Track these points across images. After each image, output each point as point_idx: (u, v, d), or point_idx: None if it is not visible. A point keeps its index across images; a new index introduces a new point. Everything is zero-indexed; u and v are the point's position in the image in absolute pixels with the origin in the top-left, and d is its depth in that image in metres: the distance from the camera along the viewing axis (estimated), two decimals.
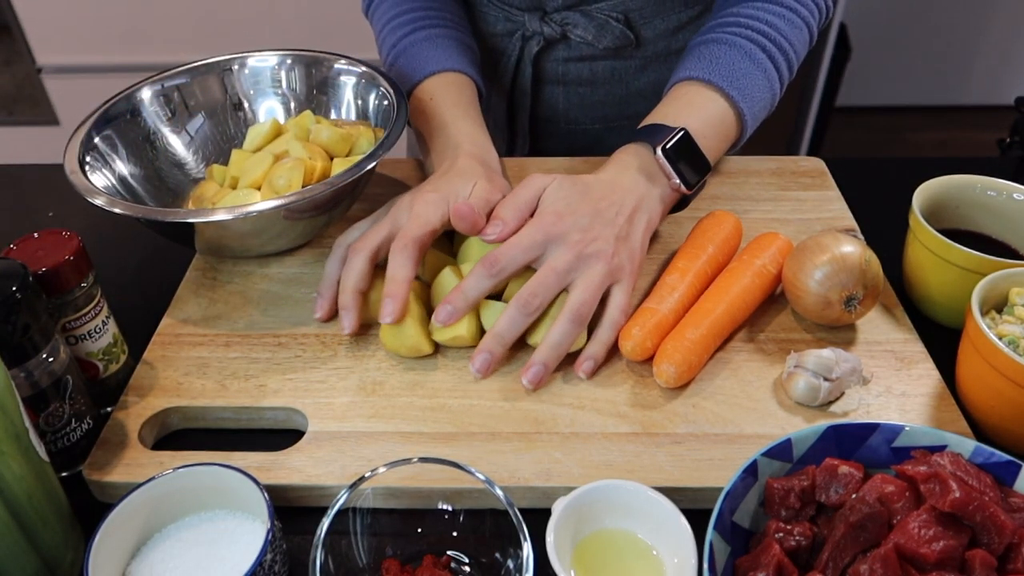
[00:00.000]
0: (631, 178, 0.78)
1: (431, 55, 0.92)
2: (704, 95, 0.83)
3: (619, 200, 0.75)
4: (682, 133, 0.79)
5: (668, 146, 0.78)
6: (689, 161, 0.80)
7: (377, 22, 0.99)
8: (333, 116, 0.94)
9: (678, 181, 0.79)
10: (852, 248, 0.72)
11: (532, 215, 0.74)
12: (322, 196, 0.75)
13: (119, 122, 0.88)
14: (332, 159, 0.86)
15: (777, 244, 0.78)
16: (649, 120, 0.82)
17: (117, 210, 0.73)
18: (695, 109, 0.82)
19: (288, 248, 0.85)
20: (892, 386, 0.71)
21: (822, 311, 0.73)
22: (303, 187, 0.80)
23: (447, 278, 0.75)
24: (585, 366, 0.71)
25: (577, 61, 1.01)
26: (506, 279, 0.73)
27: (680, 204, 0.84)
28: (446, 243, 0.82)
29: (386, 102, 0.87)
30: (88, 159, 0.82)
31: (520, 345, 0.74)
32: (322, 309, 0.77)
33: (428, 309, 0.76)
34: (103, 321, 0.68)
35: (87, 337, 0.67)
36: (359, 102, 0.92)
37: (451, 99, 0.88)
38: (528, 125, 1.08)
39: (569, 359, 0.72)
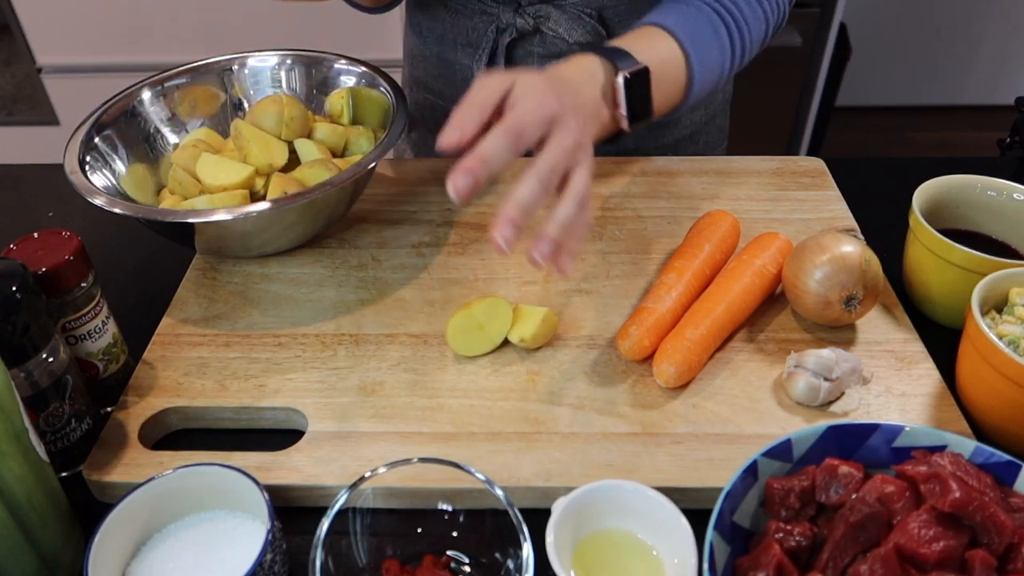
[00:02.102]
0: (591, 88, 0.73)
1: None
2: (667, 45, 0.80)
3: (583, 102, 0.71)
4: (644, 69, 0.76)
5: (630, 76, 0.74)
6: (639, 101, 0.76)
7: None
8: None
9: (624, 113, 0.75)
10: (852, 248, 0.72)
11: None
12: (323, 197, 0.75)
13: (119, 122, 0.88)
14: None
15: (777, 244, 0.78)
16: (615, 44, 0.78)
17: (117, 210, 0.73)
18: (657, 55, 0.79)
19: (288, 248, 0.85)
20: (892, 386, 0.71)
21: (822, 311, 0.73)
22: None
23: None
24: (541, 248, 0.62)
25: (550, 56, 1.01)
26: (524, 148, 0.65)
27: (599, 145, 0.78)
28: None
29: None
30: (88, 159, 0.81)
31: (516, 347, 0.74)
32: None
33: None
34: (103, 321, 0.68)
35: (87, 337, 0.67)
36: None
37: None
38: None
39: (571, 364, 0.72)
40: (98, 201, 0.74)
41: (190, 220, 0.74)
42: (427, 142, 1.14)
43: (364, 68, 0.91)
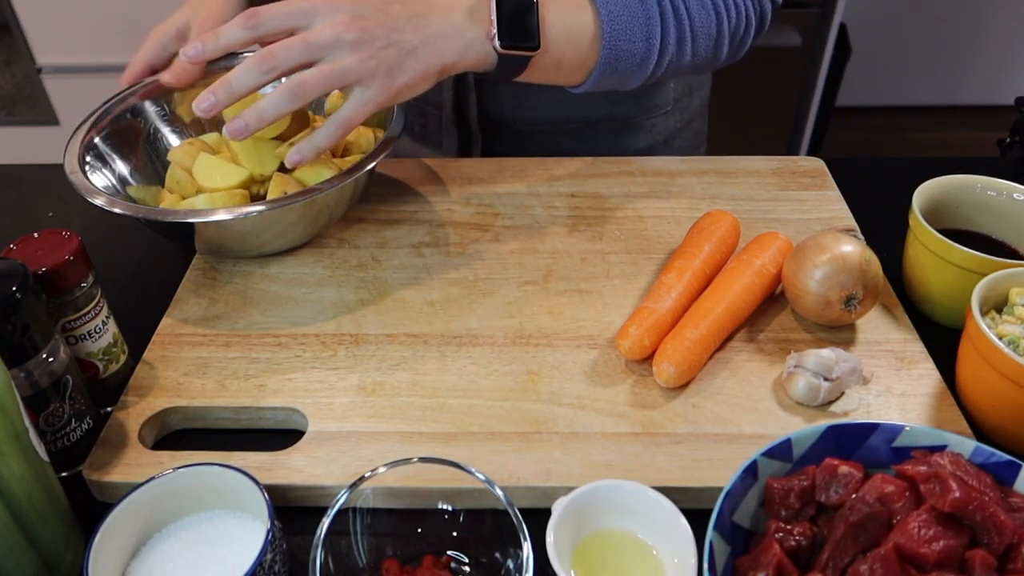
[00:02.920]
0: (448, 12, 0.72)
1: None
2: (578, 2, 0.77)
3: (423, 13, 0.70)
4: None
5: None
6: (519, 25, 0.73)
7: None
8: None
9: (495, 31, 0.72)
10: (852, 248, 0.72)
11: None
12: (323, 197, 0.75)
13: (119, 122, 0.88)
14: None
15: (777, 244, 0.78)
16: None
17: (117, 210, 0.73)
18: (562, 2, 0.76)
19: (288, 248, 0.85)
20: (892, 386, 0.71)
21: (822, 311, 0.73)
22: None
23: None
24: (291, 157, 0.72)
25: None
26: (276, 74, 0.69)
27: (493, 75, 0.77)
28: None
29: None
30: (88, 159, 0.81)
31: (513, 341, 0.74)
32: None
33: None
34: (103, 321, 0.68)
35: (87, 337, 0.67)
36: None
37: None
38: (478, 125, 1.05)
39: (571, 363, 0.72)
40: (98, 201, 0.74)
41: (190, 220, 0.74)
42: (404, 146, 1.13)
43: None
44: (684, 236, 0.83)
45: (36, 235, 0.65)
